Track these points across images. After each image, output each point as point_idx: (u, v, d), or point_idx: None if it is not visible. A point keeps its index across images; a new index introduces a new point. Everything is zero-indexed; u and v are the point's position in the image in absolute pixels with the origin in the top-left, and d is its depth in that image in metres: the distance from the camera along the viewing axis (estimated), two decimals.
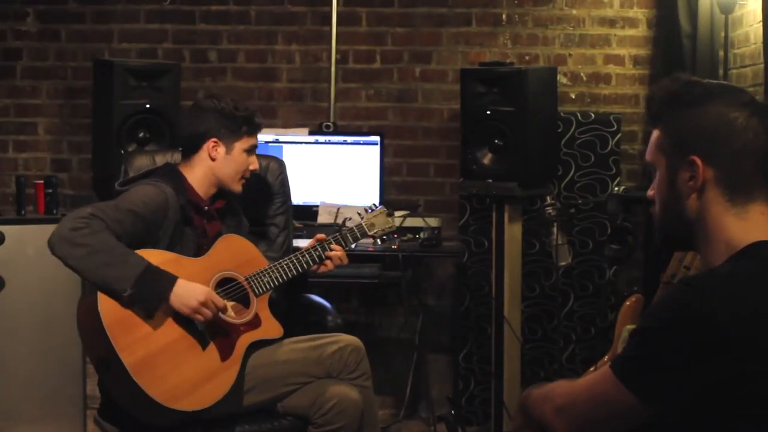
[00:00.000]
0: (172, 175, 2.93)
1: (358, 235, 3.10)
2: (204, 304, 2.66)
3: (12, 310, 3.84)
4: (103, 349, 2.59)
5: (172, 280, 2.65)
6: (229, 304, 2.85)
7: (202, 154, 2.94)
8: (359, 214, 3.16)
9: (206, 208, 2.96)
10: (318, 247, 3.01)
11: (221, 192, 3.01)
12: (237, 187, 2.99)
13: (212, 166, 2.95)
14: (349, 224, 3.13)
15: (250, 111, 3.01)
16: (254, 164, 3.01)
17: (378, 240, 3.79)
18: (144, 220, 2.74)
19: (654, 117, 1.66)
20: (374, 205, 3.22)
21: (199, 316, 2.67)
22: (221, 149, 2.94)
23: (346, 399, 2.82)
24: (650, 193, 1.68)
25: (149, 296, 2.62)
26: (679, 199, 1.61)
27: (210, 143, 2.94)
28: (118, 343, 2.57)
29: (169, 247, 2.80)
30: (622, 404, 1.50)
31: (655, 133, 1.65)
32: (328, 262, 3.02)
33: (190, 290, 2.66)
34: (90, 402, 4.07)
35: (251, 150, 3.00)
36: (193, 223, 2.89)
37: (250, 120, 2.98)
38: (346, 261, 3.05)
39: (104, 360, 2.63)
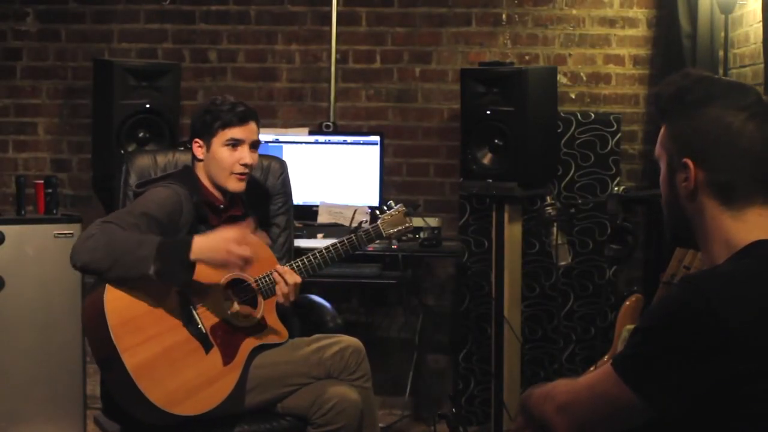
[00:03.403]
0: (186, 176, 2.97)
1: (374, 236, 3.05)
2: (234, 241, 2.60)
3: (12, 310, 3.84)
4: (106, 349, 2.59)
5: (188, 241, 2.62)
6: (238, 306, 2.85)
7: (195, 156, 2.98)
8: (376, 214, 3.12)
9: (221, 206, 2.96)
10: (331, 248, 3.00)
11: (237, 198, 3.01)
12: (231, 185, 2.94)
13: (203, 166, 2.96)
14: (365, 226, 3.10)
15: (227, 104, 2.92)
16: (244, 158, 2.92)
17: (394, 241, 3.69)
18: (159, 223, 2.75)
19: (660, 113, 1.65)
20: (392, 203, 3.13)
21: (234, 258, 2.60)
22: (203, 149, 2.95)
23: (346, 399, 2.81)
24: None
25: (173, 264, 2.58)
26: (677, 197, 1.61)
27: (195, 145, 2.96)
28: (121, 345, 2.57)
29: None
30: (623, 402, 1.50)
31: (662, 129, 1.65)
32: (278, 287, 2.86)
33: (213, 238, 2.63)
34: (90, 402, 4.07)
35: (234, 143, 2.91)
36: (208, 222, 2.91)
37: (221, 114, 2.90)
38: (292, 297, 2.87)
39: (106, 360, 2.63)
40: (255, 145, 2.97)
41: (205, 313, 2.76)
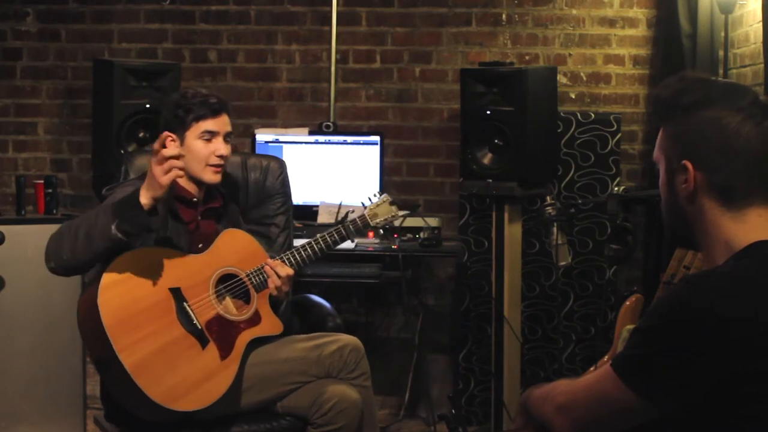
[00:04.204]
0: None
1: (361, 226, 3.06)
2: (159, 162, 2.57)
3: (12, 310, 3.84)
4: (103, 350, 2.59)
5: (136, 190, 2.61)
6: (231, 301, 2.86)
7: None
8: (362, 204, 3.13)
9: (195, 199, 2.95)
10: (320, 239, 3.00)
11: (215, 190, 3.01)
12: (207, 177, 2.91)
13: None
14: (352, 216, 3.10)
15: (199, 97, 2.90)
16: (219, 149, 2.89)
17: (380, 230, 3.73)
18: None
19: (658, 116, 1.66)
20: (376, 193, 3.17)
21: (167, 167, 2.55)
22: (176, 143, 2.90)
23: (346, 399, 2.81)
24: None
25: (130, 213, 2.57)
26: (677, 199, 1.61)
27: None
28: (118, 344, 2.57)
29: (160, 241, 2.81)
30: (623, 402, 1.50)
31: (660, 132, 1.65)
32: (270, 281, 2.89)
33: (147, 179, 2.61)
34: (90, 402, 4.07)
35: (209, 135, 2.89)
36: (180, 216, 2.89)
37: (194, 107, 2.89)
38: (285, 288, 2.91)
39: (104, 360, 2.63)
40: (228, 136, 2.96)
41: (199, 309, 2.76)
